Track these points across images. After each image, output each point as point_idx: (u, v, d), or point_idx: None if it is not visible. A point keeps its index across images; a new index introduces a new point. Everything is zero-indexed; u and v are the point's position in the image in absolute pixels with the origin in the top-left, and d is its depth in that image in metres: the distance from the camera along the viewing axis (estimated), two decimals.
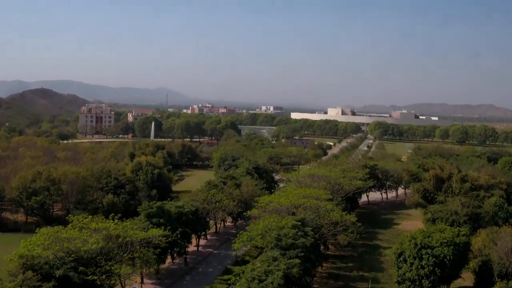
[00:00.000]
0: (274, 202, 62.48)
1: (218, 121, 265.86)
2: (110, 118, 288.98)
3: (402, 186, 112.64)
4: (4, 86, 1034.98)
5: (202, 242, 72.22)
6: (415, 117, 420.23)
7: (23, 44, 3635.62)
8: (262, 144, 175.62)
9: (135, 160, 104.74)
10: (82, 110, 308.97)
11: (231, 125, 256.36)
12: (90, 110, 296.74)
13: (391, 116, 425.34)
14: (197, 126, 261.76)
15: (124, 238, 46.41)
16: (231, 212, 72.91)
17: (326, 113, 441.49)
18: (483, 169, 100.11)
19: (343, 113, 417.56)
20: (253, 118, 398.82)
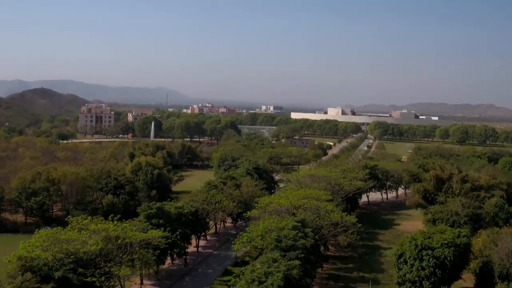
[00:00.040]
0: (274, 203, 62.21)
1: (218, 121, 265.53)
2: (110, 118, 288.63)
3: (402, 187, 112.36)
4: (3, 86, 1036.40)
5: (202, 242, 72.03)
6: (415, 117, 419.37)
7: (23, 43, 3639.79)
8: (262, 144, 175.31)
9: (135, 160, 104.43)
10: (82, 110, 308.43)
11: (231, 125, 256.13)
12: (90, 110, 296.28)
13: (391, 116, 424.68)
14: (197, 126, 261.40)
15: (123, 239, 46.22)
16: (231, 212, 72.76)
17: (326, 113, 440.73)
18: (484, 169, 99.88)
19: (343, 113, 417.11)
20: (253, 118, 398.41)
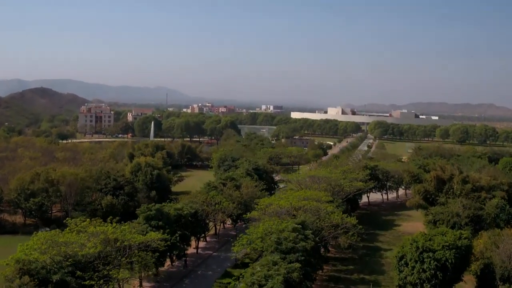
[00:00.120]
0: (274, 204, 61.83)
1: (218, 120, 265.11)
2: (109, 118, 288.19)
3: (403, 187, 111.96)
4: (3, 85, 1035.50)
5: (202, 244, 71.67)
6: (415, 116, 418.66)
7: (23, 43, 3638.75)
8: (262, 144, 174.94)
9: (134, 160, 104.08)
10: (82, 109, 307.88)
11: (231, 124, 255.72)
12: (90, 110, 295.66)
13: (391, 115, 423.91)
14: (196, 126, 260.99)
15: (122, 242, 45.91)
16: (231, 214, 72.47)
17: (326, 112, 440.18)
18: (484, 170, 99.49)
19: (343, 112, 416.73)
20: (253, 118, 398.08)
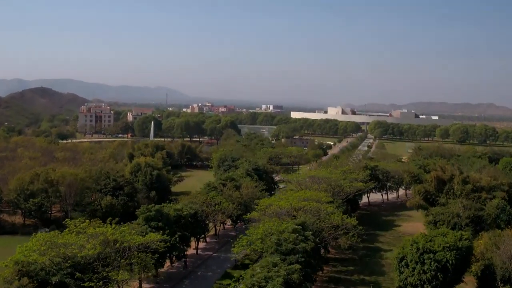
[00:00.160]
0: (274, 205, 61.64)
1: (217, 120, 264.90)
2: (109, 118, 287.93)
3: (403, 187, 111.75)
4: (3, 85, 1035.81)
5: (201, 245, 71.50)
6: (415, 116, 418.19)
7: (23, 43, 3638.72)
8: (262, 144, 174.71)
9: (134, 161, 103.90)
10: (82, 109, 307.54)
11: (231, 124, 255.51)
12: (90, 110, 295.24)
13: (391, 115, 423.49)
14: (196, 126, 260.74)
15: (121, 243, 45.72)
16: (231, 214, 72.31)
17: (326, 112, 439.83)
18: (485, 170, 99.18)
19: (343, 112, 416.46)
20: (253, 117, 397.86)
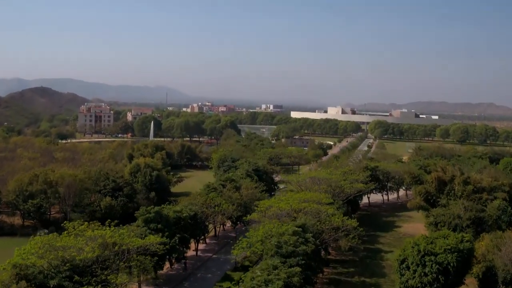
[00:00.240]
0: (274, 207, 61.23)
1: (217, 120, 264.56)
2: (109, 118, 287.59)
3: (404, 188, 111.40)
4: (3, 85, 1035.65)
5: (201, 246, 71.15)
6: (415, 116, 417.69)
7: (23, 43, 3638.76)
8: (262, 144, 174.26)
9: (134, 161, 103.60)
10: (81, 109, 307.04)
11: (231, 124, 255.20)
12: (89, 109, 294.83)
13: (391, 115, 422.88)
14: (196, 126, 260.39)
15: (120, 246, 45.35)
16: (231, 216, 71.96)
17: (326, 112, 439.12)
18: (486, 170, 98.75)
19: (343, 112, 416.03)
20: (253, 117, 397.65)
